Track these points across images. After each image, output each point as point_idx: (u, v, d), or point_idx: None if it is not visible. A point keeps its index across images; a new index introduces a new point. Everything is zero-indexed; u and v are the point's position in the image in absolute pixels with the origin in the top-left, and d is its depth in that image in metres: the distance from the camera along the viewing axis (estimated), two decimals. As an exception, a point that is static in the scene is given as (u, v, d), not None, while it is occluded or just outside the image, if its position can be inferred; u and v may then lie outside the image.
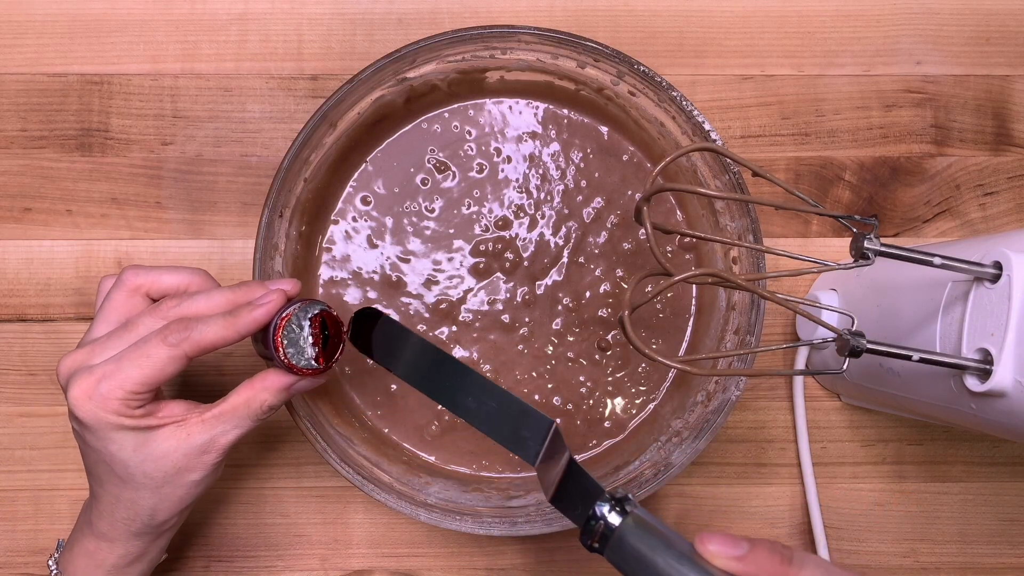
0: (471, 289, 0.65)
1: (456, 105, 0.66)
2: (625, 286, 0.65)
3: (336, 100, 0.59)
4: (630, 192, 0.66)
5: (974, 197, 0.71)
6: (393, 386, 0.65)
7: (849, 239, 0.50)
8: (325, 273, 0.65)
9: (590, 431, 0.65)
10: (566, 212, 0.66)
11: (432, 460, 0.65)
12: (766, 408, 0.70)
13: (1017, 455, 0.70)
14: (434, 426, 0.65)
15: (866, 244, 0.49)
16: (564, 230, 0.66)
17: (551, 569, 0.69)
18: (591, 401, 0.65)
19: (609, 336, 0.65)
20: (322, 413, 0.61)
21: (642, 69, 0.59)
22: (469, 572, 0.69)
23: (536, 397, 0.65)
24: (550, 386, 0.65)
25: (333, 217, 0.65)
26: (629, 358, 0.66)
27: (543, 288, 0.65)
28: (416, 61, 0.61)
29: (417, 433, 0.65)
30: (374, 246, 0.65)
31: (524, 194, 0.66)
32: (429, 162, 0.66)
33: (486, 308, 0.65)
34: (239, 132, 0.69)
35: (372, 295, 0.65)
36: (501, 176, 0.66)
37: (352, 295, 0.65)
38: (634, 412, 0.66)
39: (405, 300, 0.65)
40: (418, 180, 0.66)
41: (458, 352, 0.65)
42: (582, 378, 0.65)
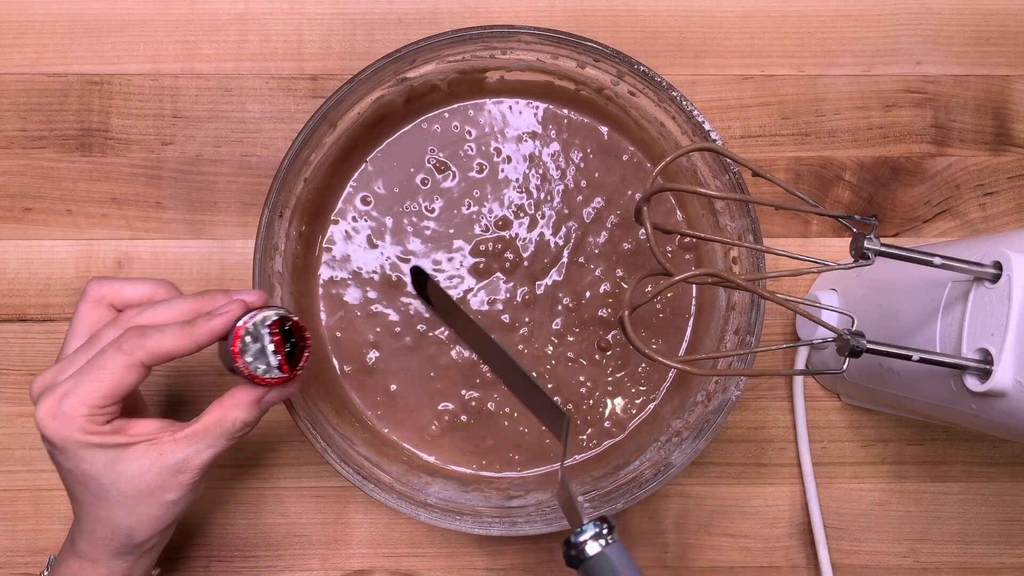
0: (471, 289, 0.65)
1: (456, 105, 0.66)
2: (625, 286, 0.65)
3: (336, 100, 0.59)
4: (630, 192, 0.66)
5: (974, 197, 0.71)
6: (393, 386, 0.64)
7: (849, 239, 0.50)
8: (325, 273, 0.65)
9: (590, 431, 0.65)
10: (566, 212, 0.66)
11: (432, 460, 0.65)
12: (766, 408, 0.70)
13: (1017, 455, 0.70)
14: (434, 426, 0.65)
15: (866, 244, 0.49)
16: (564, 230, 0.66)
17: (551, 569, 0.69)
18: (591, 401, 0.65)
19: (609, 336, 0.66)
20: (322, 413, 0.61)
21: (642, 69, 0.60)
22: (469, 572, 0.69)
23: None
24: (550, 386, 0.65)
25: (333, 217, 0.65)
26: (629, 358, 0.66)
27: (543, 288, 0.65)
28: (416, 61, 0.61)
29: (417, 433, 0.65)
30: (374, 246, 0.65)
31: (524, 194, 0.66)
32: (429, 162, 0.66)
33: (486, 308, 0.65)
34: (239, 132, 0.70)
35: (372, 295, 0.65)
36: (501, 176, 0.66)
37: (352, 295, 0.65)
38: (634, 412, 0.66)
39: (405, 300, 0.65)
40: (418, 180, 0.66)
41: (458, 352, 0.65)
42: (582, 378, 0.65)
